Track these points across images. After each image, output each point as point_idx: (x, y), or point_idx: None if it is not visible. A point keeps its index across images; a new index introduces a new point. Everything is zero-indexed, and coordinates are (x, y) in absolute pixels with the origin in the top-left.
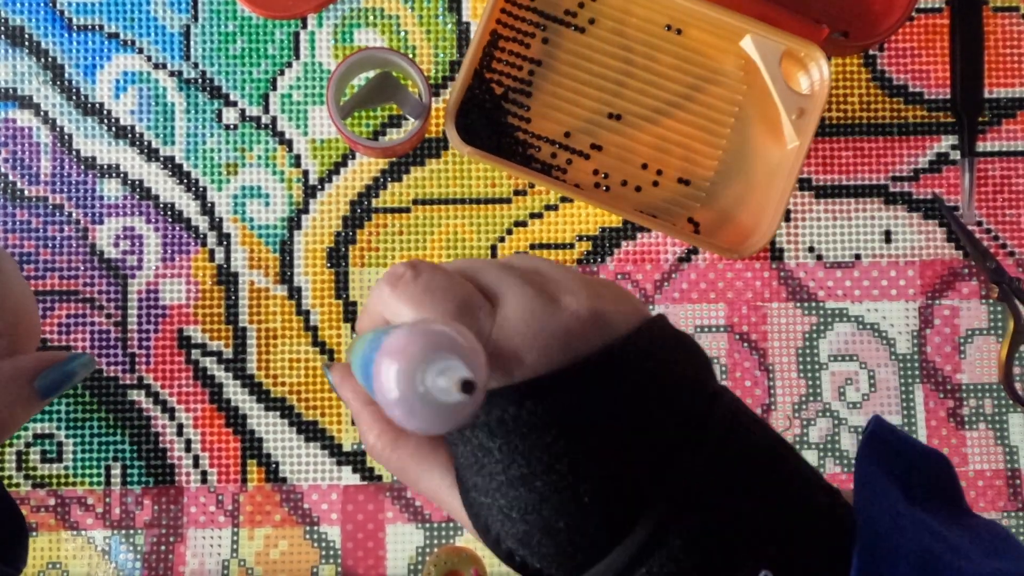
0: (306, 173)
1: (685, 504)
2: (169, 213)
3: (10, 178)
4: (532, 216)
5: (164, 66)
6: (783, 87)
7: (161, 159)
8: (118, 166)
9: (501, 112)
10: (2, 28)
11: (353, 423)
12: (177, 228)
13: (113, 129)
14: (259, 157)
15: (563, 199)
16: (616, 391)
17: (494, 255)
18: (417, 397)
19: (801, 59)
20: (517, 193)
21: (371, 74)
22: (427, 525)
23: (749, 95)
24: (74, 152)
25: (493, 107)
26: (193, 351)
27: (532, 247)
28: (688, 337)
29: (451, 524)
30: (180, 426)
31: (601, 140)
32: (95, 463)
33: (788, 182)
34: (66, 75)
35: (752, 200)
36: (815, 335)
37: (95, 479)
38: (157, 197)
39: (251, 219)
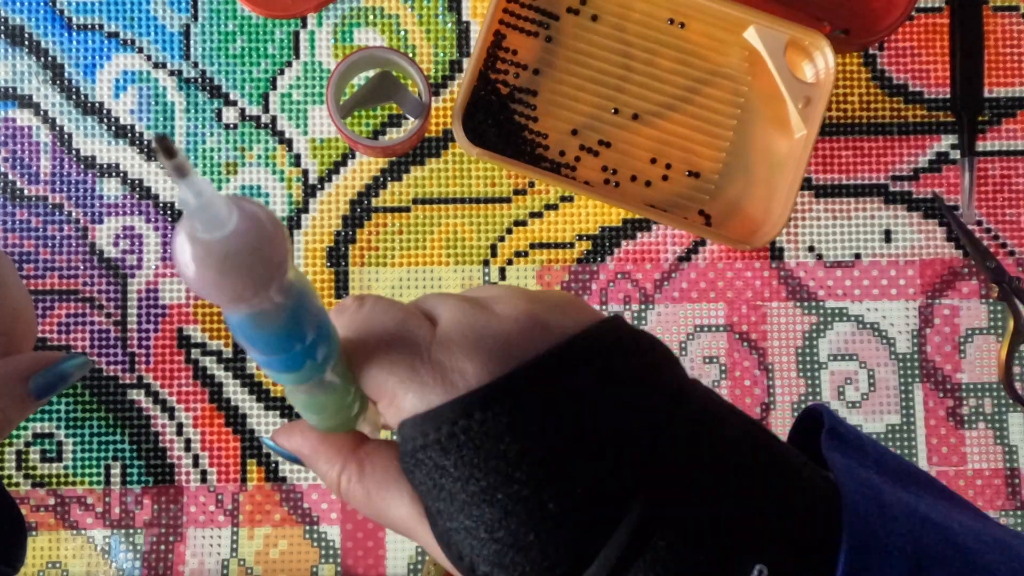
0: (306, 172)
1: (664, 503)
2: (169, 212)
3: (10, 177)
4: (532, 215)
5: (164, 65)
6: (788, 77)
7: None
8: (118, 165)
9: (508, 112)
10: (2, 27)
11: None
12: None
13: (113, 128)
14: (259, 156)
15: (563, 198)
16: (568, 392)
17: (494, 254)
18: (200, 244)
19: (805, 48)
20: (517, 192)
21: (371, 74)
22: None
23: (754, 86)
24: (74, 151)
25: (499, 107)
26: (193, 350)
27: (532, 247)
28: (646, 334)
29: None
30: (180, 425)
31: (609, 136)
32: (95, 462)
33: (797, 172)
34: (66, 74)
35: (761, 191)
36: (815, 334)
37: (95, 478)
38: (157, 196)
39: None
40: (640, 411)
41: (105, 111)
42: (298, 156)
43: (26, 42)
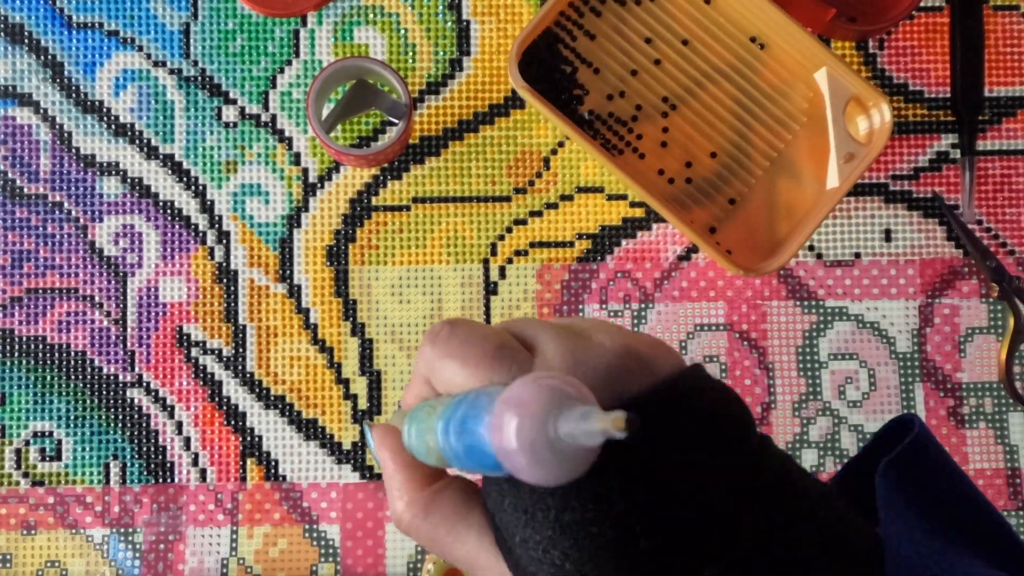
0: (306, 171)
1: (747, 555)
2: (168, 211)
3: (9, 176)
4: (532, 214)
5: (164, 64)
6: (841, 129)
7: (161, 157)
8: (118, 164)
9: (560, 69)
10: (2, 26)
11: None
12: (176, 226)
13: (113, 127)
14: (259, 155)
15: (563, 197)
16: (670, 431)
17: (494, 253)
18: (547, 445)
19: (867, 106)
20: (517, 191)
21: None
22: None
23: (807, 126)
24: (73, 150)
25: (554, 62)
26: (192, 349)
27: (532, 245)
28: (727, 386)
29: None
30: (179, 424)
31: (648, 127)
32: (94, 461)
33: (815, 221)
34: (66, 73)
35: (773, 227)
36: (815, 334)
37: (94, 477)
38: (156, 195)
39: (251, 217)
40: (728, 464)
41: (105, 109)
42: (298, 155)
43: (26, 40)
